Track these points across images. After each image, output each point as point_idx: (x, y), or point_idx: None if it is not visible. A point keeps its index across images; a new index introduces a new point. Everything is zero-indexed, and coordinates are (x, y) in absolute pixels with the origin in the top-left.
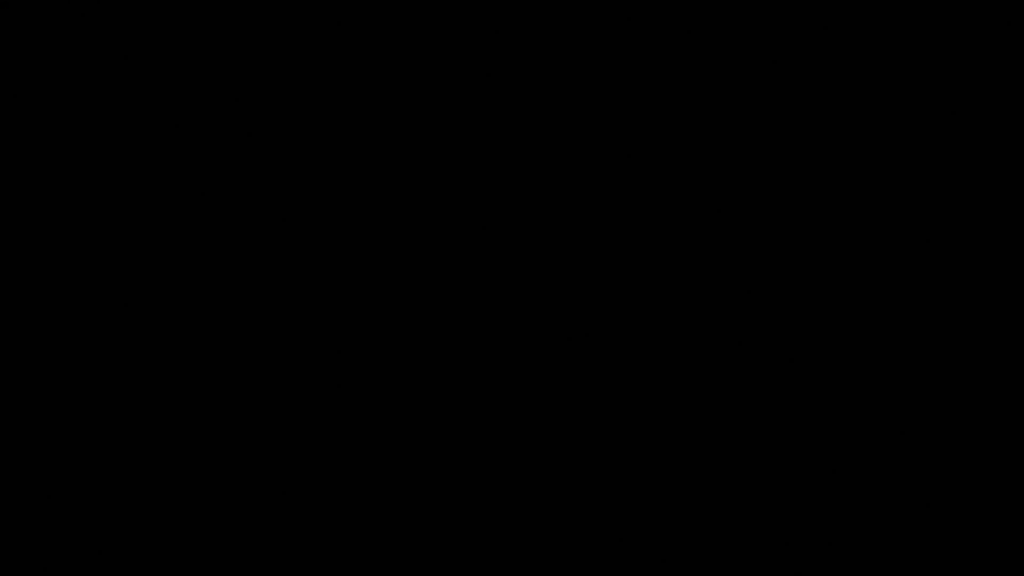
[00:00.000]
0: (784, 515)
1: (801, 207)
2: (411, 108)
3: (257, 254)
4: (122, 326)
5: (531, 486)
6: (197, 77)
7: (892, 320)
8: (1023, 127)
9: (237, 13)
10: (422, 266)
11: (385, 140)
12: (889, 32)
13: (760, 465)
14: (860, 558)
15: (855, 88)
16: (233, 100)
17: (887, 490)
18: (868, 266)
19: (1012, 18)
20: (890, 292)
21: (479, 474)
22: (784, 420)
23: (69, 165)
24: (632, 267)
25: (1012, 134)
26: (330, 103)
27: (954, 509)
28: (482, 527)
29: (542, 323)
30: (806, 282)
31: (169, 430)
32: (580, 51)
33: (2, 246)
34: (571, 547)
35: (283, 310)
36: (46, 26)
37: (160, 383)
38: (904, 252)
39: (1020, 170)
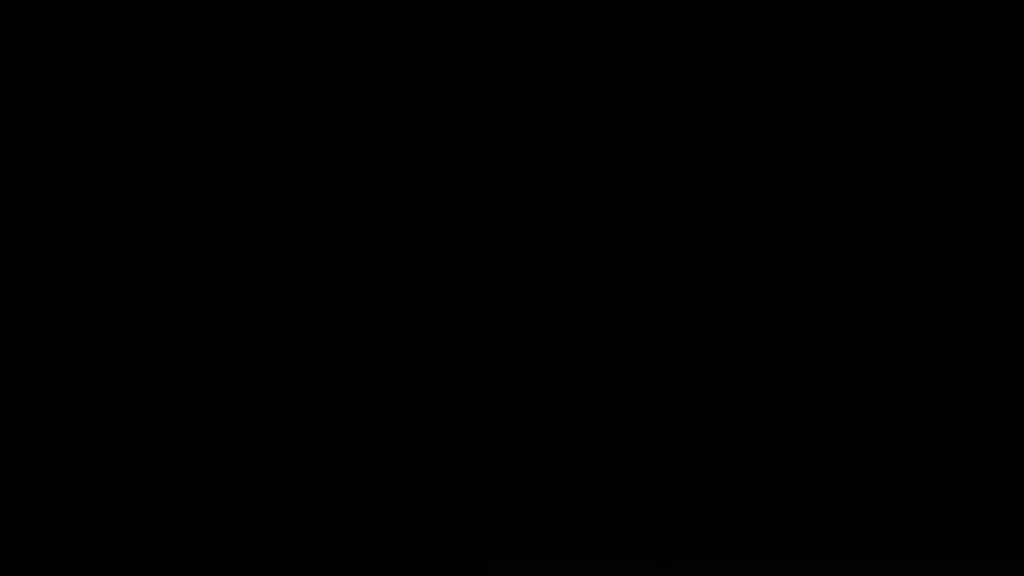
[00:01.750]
0: (784, 515)
1: (801, 207)
2: (411, 108)
3: (257, 254)
4: (122, 326)
5: (531, 486)
6: (197, 77)
7: (892, 320)
8: (1023, 127)
9: (237, 13)
10: (422, 266)
11: (385, 140)
12: (889, 32)
13: (760, 465)
14: (860, 557)
15: (855, 88)
16: (233, 100)
17: (887, 490)
18: (868, 266)
19: (1012, 18)
20: (890, 292)
21: (479, 474)
22: (784, 420)
23: (69, 165)
24: (632, 267)
25: (1012, 134)
26: (330, 103)
27: (954, 509)
28: (482, 526)
29: (542, 323)
30: (806, 282)
31: (169, 430)
32: (580, 51)
33: (2, 246)
34: (571, 546)
35: (283, 310)
36: (46, 26)
37: (160, 383)
38: (904, 252)
39: (1020, 170)
